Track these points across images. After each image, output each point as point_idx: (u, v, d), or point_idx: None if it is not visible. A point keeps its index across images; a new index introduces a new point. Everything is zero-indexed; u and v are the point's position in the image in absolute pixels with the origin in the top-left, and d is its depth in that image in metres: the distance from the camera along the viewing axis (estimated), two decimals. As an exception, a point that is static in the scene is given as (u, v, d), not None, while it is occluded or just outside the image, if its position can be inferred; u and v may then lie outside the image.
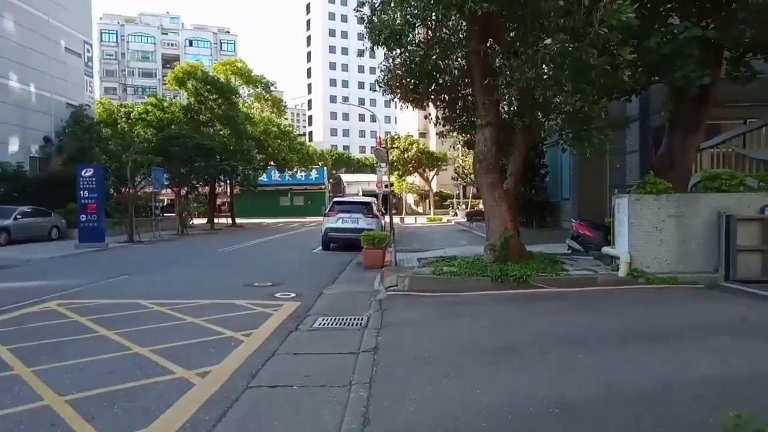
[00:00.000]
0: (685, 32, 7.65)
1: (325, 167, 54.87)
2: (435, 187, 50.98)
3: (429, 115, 12.45)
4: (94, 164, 19.87)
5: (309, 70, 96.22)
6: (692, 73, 7.69)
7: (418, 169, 46.47)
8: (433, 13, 7.99)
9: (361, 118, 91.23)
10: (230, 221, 35.07)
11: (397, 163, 42.73)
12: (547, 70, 7.80)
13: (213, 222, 32.02)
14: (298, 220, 42.40)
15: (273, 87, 37.99)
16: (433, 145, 49.40)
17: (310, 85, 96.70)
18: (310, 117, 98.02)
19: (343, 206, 16.42)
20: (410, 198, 56.35)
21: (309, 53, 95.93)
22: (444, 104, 11.36)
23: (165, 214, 31.60)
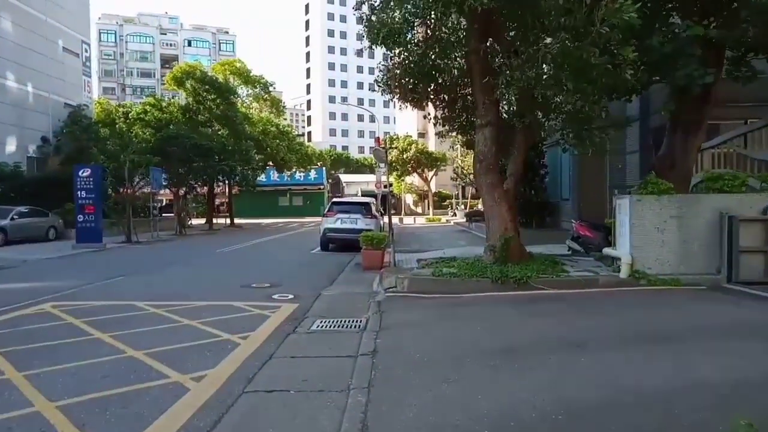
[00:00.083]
0: (687, 31, 7.58)
1: (324, 167, 54.80)
2: (434, 187, 50.89)
3: (428, 114, 12.36)
4: (91, 164, 19.75)
5: (308, 70, 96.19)
6: (694, 72, 7.63)
7: (417, 170, 46.37)
8: (433, 11, 7.91)
9: (360, 118, 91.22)
10: (229, 221, 34.97)
11: (396, 163, 42.62)
12: (548, 69, 7.72)
13: (211, 222, 31.89)
14: (297, 220, 42.31)
15: (272, 87, 37.88)
16: (432, 145, 49.31)
17: (309, 86, 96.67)
18: (309, 117, 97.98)
19: (342, 206, 16.33)
20: (409, 198, 56.27)
21: (308, 53, 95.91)
22: (443, 104, 11.28)
23: (164, 215, 31.51)
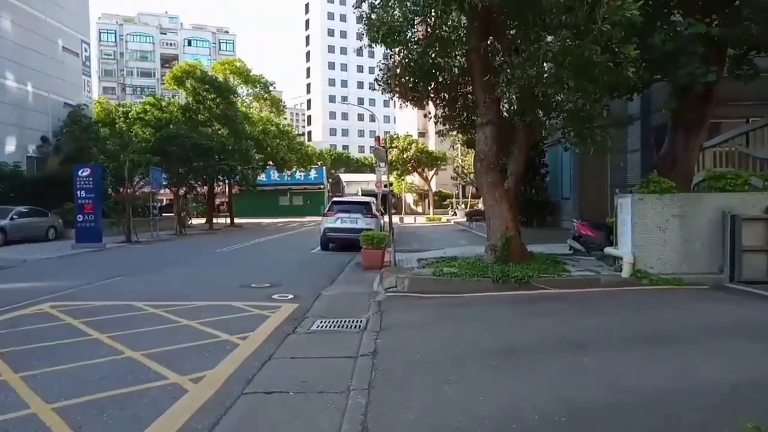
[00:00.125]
0: (689, 29, 7.53)
1: (324, 167, 54.73)
2: (434, 186, 50.85)
3: (428, 113, 12.31)
4: (91, 164, 19.71)
5: (308, 69, 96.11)
6: (697, 70, 7.57)
7: (417, 169, 46.32)
8: (433, 9, 7.85)
9: (360, 117, 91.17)
10: (229, 221, 34.92)
11: (396, 162, 42.57)
12: (549, 67, 7.67)
13: (212, 222, 31.85)
14: (297, 219, 42.27)
15: (272, 87, 37.82)
16: (432, 144, 49.27)
17: (309, 85, 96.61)
18: (309, 117, 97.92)
19: (342, 206, 16.25)
20: (409, 198, 56.22)
21: (308, 53, 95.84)
22: (444, 103, 11.22)
23: (164, 214, 31.47)
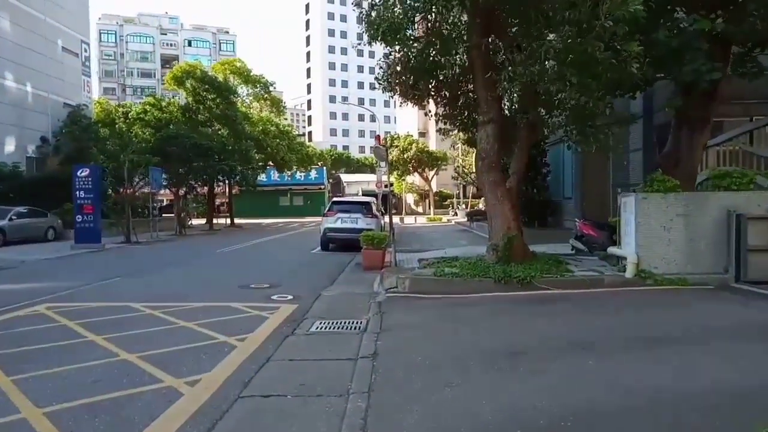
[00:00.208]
0: (694, 25, 7.41)
1: (324, 167, 54.62)
2: (435, 186, 50.73)
3: (429, 112, 12.19)
4: (90, 164, 19.62)
5: (308, 70, 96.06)
6: (702, 67, 7.45)
7: (418, 169, 46.20)
8: (434, 6, 7.75)
9: (361, 117, 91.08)
10: (229, 221, 34.82)
11: (396, 162, 42.45)
12: (552, 65, 7.55)
13: (212, 222, 31.75)
14: (298, 220, 42.16)
15: (272, 87, 37.70)
16: (432, 144, 49.17)
17: (309, 85, 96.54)
18: (309, 117, 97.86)
19: (342, 206, 16.15)
20: (410, 198, 56.10)
21: (308, 53, 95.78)
22: (444, 101, 11.11)
23: (164, 215, 31.38)
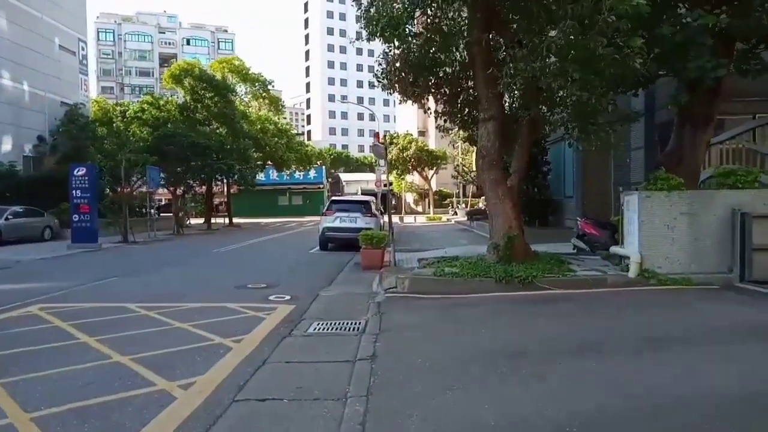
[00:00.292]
0: (698, 20, 7.28)
1: (323, 166, 54.47)
2: (434, 185, 50.58)
3: (428, 109, 12.05)
4: (87, 163, 19.46)
5: (307, 68, 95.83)
6: (707, 64, 7.32)
7: (418, 168, 46.04)
8: (434, 0, 7.60)
9: (360, 116, 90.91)
10: (227, 221, 34.67)
11: (396, 161, 42.29)
12: (553, 61, 7.42)
13: (210, 222, 31.60)
14: (297, 219, 42.02)
15: (270, 85, 37.54)
16: (432, 143, 49.02)
17: (308, 84, 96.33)
18: (308, 116, 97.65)
19: (341, 205, 16.01)
20: (409, 197, 55.95)
21: (307, 52, 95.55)
22: (444, 98, 10.97)
23: (162, 214, 31.24)
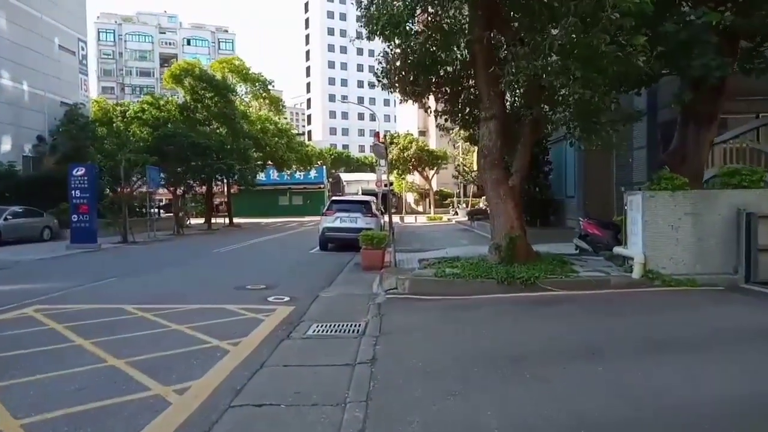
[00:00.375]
0: (702, 17, 7.17)
1: (324, 166, 54.37)
2: (435, 185, 50.44)
3: (429, 109, 11.94)
4: (86, 163, 19.38)
5: (308, 68, 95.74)
6: (711, 62, 7.22)
7: (418, 168, 45.92)
8: (435, -2, 7.52)
9: (361, 116, 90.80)
10: (228, 221, 34.57)
11: (396, 161, 42.17)
12: (556, 59, 7.32)
13: (210, 222, 31.51)
14: (297, 219, 41.90)
15: (271, 85, 37.42)
16: (433, 143, 48.90)
17: (309, 84, 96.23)
18: (309, 116, 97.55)
19: (342, 205, 15.92)
20: (410, 197, 55.82)
21: (308, 52, 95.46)
22: (445, 97, 10.86)
23: (164, 214, 31.15)
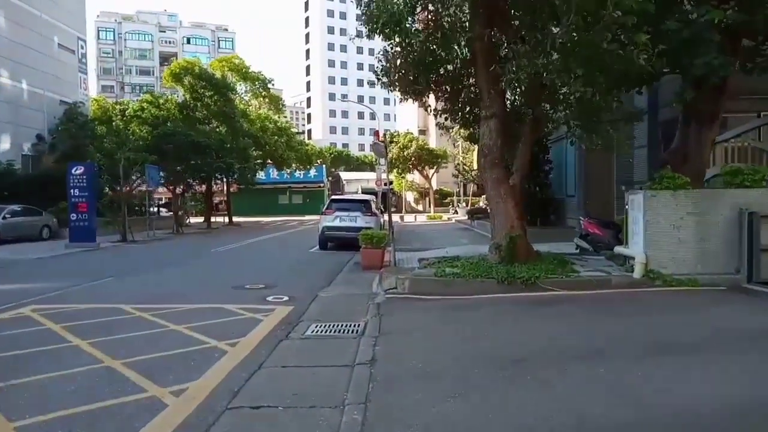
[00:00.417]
0: (705, 15, 7.11)
1: (323, 165, 54.31)
2: (435, 184, 50.37)
3: (429, 107, 11.87)
4: (85, 162, 19.33)
5: (308, 67, 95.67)
6: (714, 61, 7.15)
7: (418, 167, 45.85)
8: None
9: (360, 115, 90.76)
10: (227, 220, 34.52)
11: (396, 160, 42.10)
12: (557, 58, 7.26)
13: (209, 220, 31.46)
14: (297, 218, 41.85)
15: (270, 84, 37.34)
16: (433, 142, 48.82)
17: (308, 83, 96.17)
18: (309, 115, 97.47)
19: (341, 204, 15.88)
20: (410, 196, 55.74)
21: (308, 51, 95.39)
22: (445, 95, 10.80)
23: (164, 212, 31.08)
